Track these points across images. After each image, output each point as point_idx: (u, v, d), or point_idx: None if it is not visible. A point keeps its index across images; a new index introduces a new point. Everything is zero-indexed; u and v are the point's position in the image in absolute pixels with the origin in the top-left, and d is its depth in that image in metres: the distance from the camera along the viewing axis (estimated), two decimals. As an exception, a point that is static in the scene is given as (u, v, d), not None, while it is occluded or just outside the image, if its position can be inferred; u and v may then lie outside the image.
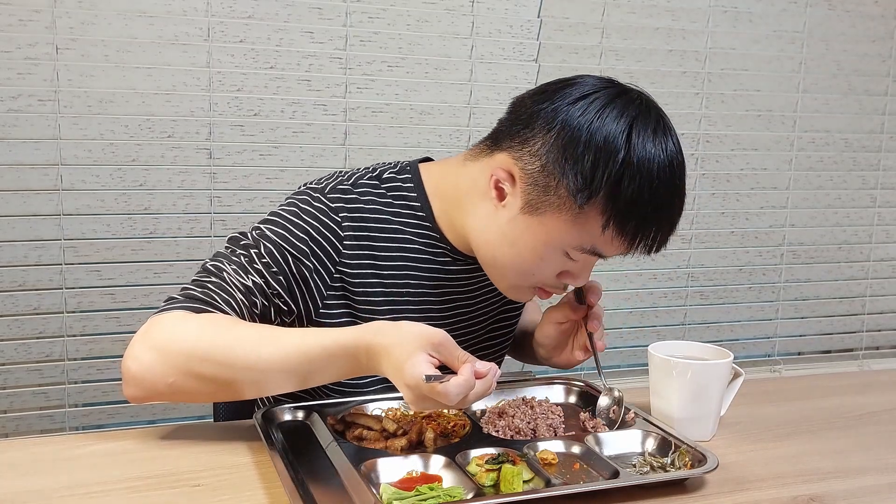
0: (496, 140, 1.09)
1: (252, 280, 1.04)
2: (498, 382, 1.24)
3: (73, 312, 1.76)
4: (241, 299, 1.03)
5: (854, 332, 2.49)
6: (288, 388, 0.99)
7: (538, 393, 1.19)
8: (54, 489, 0.91)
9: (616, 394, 1.13)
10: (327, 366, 0.96)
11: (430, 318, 1.17)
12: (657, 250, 1.06)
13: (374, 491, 0.89)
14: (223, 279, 1.04)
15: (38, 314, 1.75)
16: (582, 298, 1.17)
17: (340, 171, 1.18)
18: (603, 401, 1.13)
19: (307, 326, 1.12)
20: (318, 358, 0.96)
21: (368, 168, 1.18)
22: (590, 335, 1.17)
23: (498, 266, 1.10)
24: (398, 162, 1.19)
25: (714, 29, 2.19)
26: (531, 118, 1.04)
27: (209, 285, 1.03)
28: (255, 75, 1.81)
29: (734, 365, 1.13)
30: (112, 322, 1.79)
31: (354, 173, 1.16)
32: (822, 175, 2.38)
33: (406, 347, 0.91)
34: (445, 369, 0.92)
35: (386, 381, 1.22)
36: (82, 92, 1.71)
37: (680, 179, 1.03)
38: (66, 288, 1.75)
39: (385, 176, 1.16)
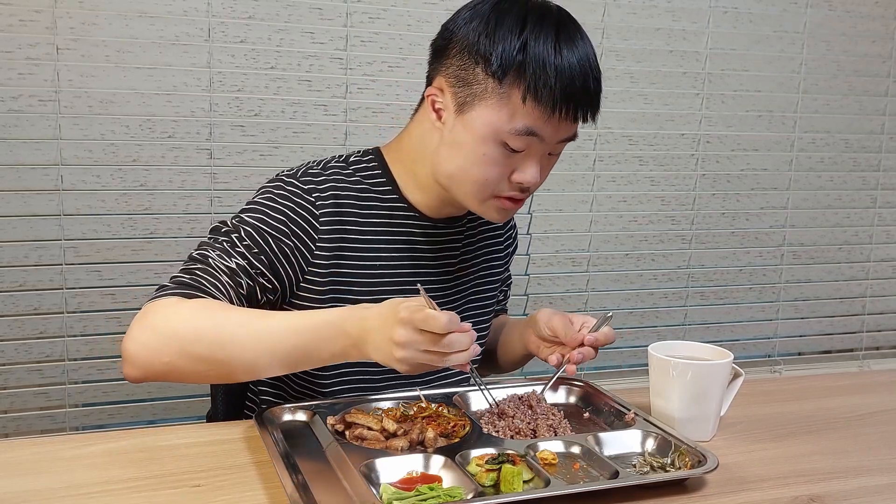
0: (428, 78, 1.18)
1: (235, 262, 1.09)
2: (496, 386, 1.24)
3: (74, 313, 1.76)
4: (226, 281, 1.08)
5: (854, 333, 2.49)
6: (277, 368, 1.04)
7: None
8: (54, 489, 0.91)
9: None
10: (317, 341, 1.00)
11: (405, 285, 1.21)
12: (591, 114, 1.11)
13: (374, 491, 0.89)
14: (208, 264, 1.09)
15: (38, 314, 1.75)
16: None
17: (311, 160, 1.24)
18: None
19: (290, 302, 1.17)
20: (308, 330, 1.01)
21: (338, 156, 1.24)
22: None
23: (456, 181, 1.14)
24: (365, 149, 1.26)
25: (714, 29, 2.19)
26: (443, 36, 1.15)
27: (196, 272, 1.08)
28: (255, 76, 1.81)
29: (734, 365, 1.13)
30: (112, 322, 1.78)
31: (324, 160, 1.23)
32: (822, 176, 2.38)
33: (385, 310, 0.96)
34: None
35: (387, 381, 1.23)
36: (83, 92, 1.70)
37: (576, 28, 1.11)
38: (67, 288, 1.75)
39: (352, 160, 1.23)
